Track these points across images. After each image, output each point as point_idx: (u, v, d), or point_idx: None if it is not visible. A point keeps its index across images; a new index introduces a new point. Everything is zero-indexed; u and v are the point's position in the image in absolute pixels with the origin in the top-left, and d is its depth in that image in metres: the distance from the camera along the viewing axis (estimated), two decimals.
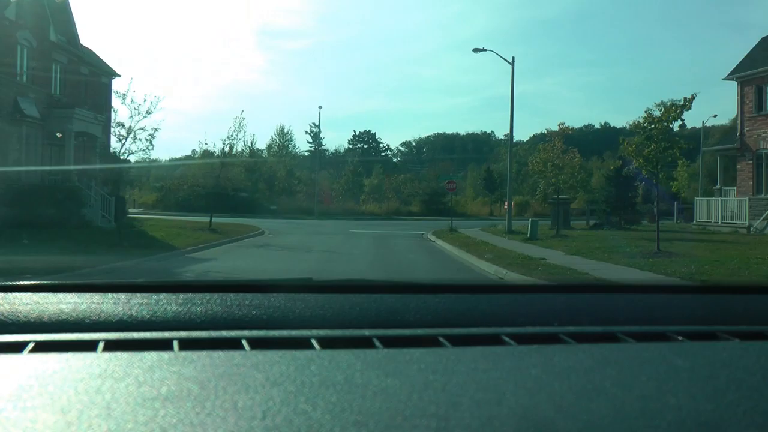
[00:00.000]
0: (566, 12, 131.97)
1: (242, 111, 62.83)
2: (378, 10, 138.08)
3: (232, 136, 52.57)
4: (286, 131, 62.39)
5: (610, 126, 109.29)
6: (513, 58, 25.13)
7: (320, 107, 63.98)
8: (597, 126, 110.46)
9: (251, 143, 56.98)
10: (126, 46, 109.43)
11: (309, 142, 64.56)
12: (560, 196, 27.20)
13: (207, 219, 24.22)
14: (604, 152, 68.78)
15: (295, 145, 62.48)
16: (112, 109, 26.23)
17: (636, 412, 0.71)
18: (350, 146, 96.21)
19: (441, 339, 1.05)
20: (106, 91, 27.30)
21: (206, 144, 53.56)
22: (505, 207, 28.00)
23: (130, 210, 38.21)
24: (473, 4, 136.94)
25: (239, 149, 52.27)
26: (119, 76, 28.17)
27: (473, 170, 76.59)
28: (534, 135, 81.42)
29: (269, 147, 61.08)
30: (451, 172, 52.67)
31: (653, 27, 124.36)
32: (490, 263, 13.53)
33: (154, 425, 0.65)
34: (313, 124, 63.62)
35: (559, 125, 25.45)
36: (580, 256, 14.84)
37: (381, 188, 53.83)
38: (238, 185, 46.43)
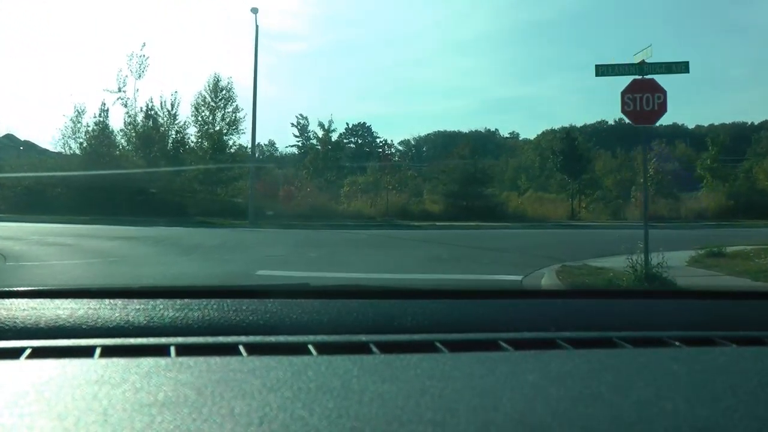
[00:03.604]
0: (565, 14, 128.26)
1: (144, 44, 38.89)
2: (374, 13, 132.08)
3: (121, 86, 24.43)
4: (223, 85, 33.60)
5: (624, 122, 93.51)
6: None
7: (255, 10, 26.71)
8: (611, 122, 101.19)
9: (172, 104, 32.68)
10: (112, 46, 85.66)
11: (296, 136, 40.27)
12: None
13: None
14: (618, 147, 53.70)
15: (238, 107, 33.50)
16: None
17: (633, 418, 0.69)
18: (344, 140, 72.91)
19: (438, 344, 1.02)
20: None
21: (82, 107, 29.66)
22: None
23: None
24: (471, 5, 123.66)
25: (146, 108, 29.06)
26: None
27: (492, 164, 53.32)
28: (544, 130, 71.51)
29: (196, 108, 33.31)
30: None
31: (652, 29, 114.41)
32: None
33: (150, 431, 0.63)
34: (300, 115, 38.55)
35: None
36: None
37: (379, 185, 30.11)
38: (119, 173, 23.99)
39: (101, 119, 30.45)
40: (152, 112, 31.60)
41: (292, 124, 35.69)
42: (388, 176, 32.47)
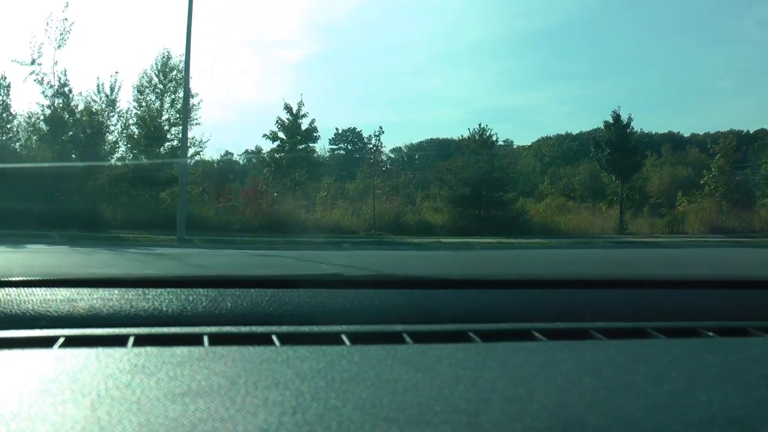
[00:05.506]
0: (556, 24, 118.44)
1: (66, 5, 24.48)
2: (369, 23, 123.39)
3: (36, 58, 22.41)
4: (173, 63, 24.09)
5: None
6: None
7: None
8: None
9: (112, 88, 23.93)
10: (106, 52, 77.72)
11: (280, 139, 32.00)
12: None
13: None
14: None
15: (191, 92, 21.48)
16: None
17: (666, 408, 0.69)
18: (332, 146, 66.19)
19: (471, 334, 1.01)
20: None
21: None
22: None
23: None
24: (462, 16, 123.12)
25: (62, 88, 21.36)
26: None
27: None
28: (540, 138, 70.04)
29: (139, 91, 24.33)
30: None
31: (643, 39, 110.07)
32: None
33: (184, 420, 0.62)
34: (284, 119, 29.02)
35: None
36: None
37: (368, 191, 22.69)
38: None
39: (1, 98, 22.96)
40: (67, 89, 23.00)
41: (276, 127, 28.20)
42: (377, 179, 25.02)
